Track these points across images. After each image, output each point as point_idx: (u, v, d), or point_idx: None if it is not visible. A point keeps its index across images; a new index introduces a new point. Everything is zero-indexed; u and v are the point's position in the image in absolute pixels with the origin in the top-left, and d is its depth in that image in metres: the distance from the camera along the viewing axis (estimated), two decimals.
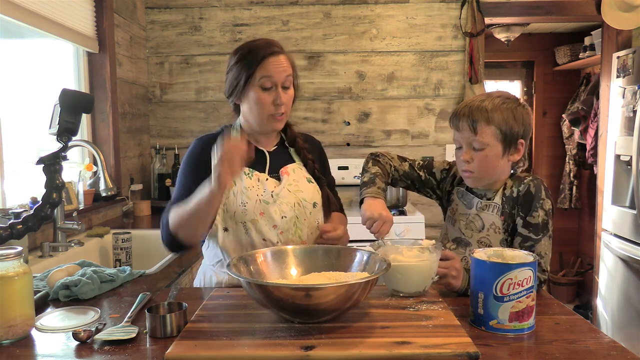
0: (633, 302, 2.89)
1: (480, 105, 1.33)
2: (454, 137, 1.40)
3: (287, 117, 1.52)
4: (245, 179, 1.47)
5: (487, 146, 1.33)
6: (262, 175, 1.49)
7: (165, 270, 1.74)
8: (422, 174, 1.54)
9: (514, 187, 1.38)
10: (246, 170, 1.48)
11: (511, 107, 1.33)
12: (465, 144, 1.36)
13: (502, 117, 1.32)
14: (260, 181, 1.48)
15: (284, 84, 1.44)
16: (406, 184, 1.56)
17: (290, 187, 1.49)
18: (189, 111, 3.30)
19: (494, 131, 1.32)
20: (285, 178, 1.50)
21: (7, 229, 1.20)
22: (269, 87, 1.42)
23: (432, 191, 1.56)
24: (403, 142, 3.32)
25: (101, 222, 2.58)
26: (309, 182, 1.54)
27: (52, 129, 1.31)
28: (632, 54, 2.93)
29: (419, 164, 1.56)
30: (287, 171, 1.52)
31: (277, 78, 1.42)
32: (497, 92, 1.38)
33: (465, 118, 1.33)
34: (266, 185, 1.47)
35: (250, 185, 1.46)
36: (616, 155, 3.09)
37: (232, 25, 3.25)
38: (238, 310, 1.17)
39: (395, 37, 3.26)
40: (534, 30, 4.64)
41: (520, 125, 1.34)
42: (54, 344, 1.05)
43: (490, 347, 1.00)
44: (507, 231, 1.38)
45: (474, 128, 1.32)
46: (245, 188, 1.45)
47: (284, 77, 1.43)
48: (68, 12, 2.36)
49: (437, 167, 1.55)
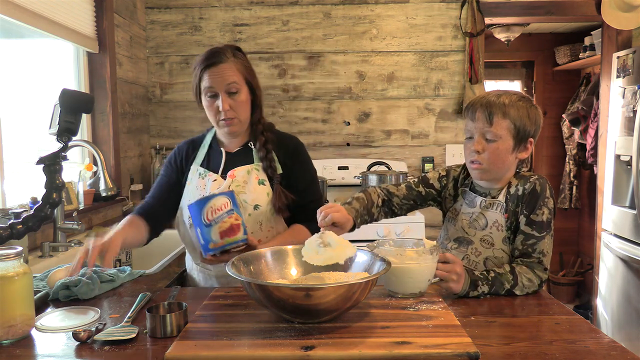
0: (633, 302, 2.89)
1: (497, 99, 1.36)
2: (467, 126, 1.41)
3: (242, 121, 1.54)
4: (199, 180, 1.55)
5: (499, 139, 1.35)
6: (213, 176, 1.55)
7: (165, 270, 1.74)
8: (421, 190, 1.55)
9: (519, 185, 1.39)
10: (201, 170, 1.57)
11: (526, 105, 1.37)
12: (478, 134, 1.37)
13: (518, 114, 1.35)
14: (207, 181, 1.55)
15: (228, 90, 1.48)
16: (409, 205, 1.56)
17: (236, 188, 1.51)
18: (189, 111, 3.30)
19: (508, 125, 1.35)
20: (229, 180, 1.53)
21: (7, 229, 1.20)
22: (213, 94, 1.50)
23: (434, 201, 1.57)
24: (403, 142, 3.32)
25: (101, 222, 2.57)
26: (260, 184, 1.54)
27: (52, 129, 1.31)
28: (632, 54, 2.93)
29: (415, 181, 1.56)
30: (234, 173, 1.54)
31: (217, 87, 1.48)
32: (513, 91, 1.41)
33: (483, 108, 1.36)
34: (209, 186, 1.53)
35: (199, 185, 1.55)
36: (616, 155, 3.09)
37: (232, 25, 3.25)
38: (238, 310, 1.17)
39: (395, 37, 3.26)
40: (534, 30, 4.64)
41: (533, 124, 1.37)
42: (54, 344, 1.05)
43: (490, 347, 1.00)
44: (510, 229, 1.39)
45: (490, 119, 1.34)
46: (195, 187, 1.55)
47: (225, 86, 1.48)
48: (68, 12, 2.36)
49: (433, 178, 1.55)
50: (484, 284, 1.28)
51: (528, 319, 1.17)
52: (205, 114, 1.56)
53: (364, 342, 0.98)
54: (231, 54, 1.51)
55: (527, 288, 1.32)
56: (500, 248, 1.39)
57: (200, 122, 3.27)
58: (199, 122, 3.27)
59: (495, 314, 1.19)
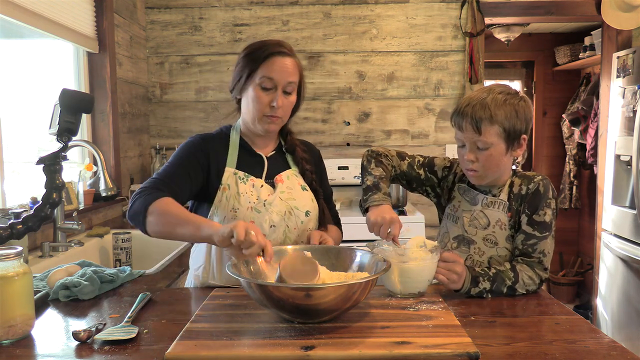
0: (633, 302, 2.89)
1: (482, 102, 1.31)
2: (456, 135, 1.38)
3: (284, 122, 1.49)
4: (240, 184, 1.43)
5: (491, 145, 1.32)
6: (258, 181, 1.46)
7: (165, 270, 1.74)
8: (421, 173, 1.51)
9: (522, 184, 1.38)
10: (241, 174, 1.45)
11: (513, 102, 1.32)
12: (469, 143, 1.35)
13: (505, 115, 1.31)
14: (254, 187, 1.44)
15: (285, 88, 1.41)
16: (402, 183, 1.54)
17: (282, 195, 1.46)
18: (189, 111, 3.30)
19: (497, 130, 1.31)
20: (280, 186, 1.47)
21: (7, 229, 1.20)
22: (269, 87, 1.40)
23: (432, 189, 1.53)
24: (403, 142, 3.32)
25: (101, 222, 2.57)
26: (303, 189, 1.51)
27: (52, 129, 1.31)
28: (632, 54, 2.93)
29: (419, 161, 1.52)
30: (282, 178, 1.49)
31: (278, 80, 1.39)
32: (499, 87, 1.36)
33: (469, 118, 1.32)
34: (260, 193, 1.44)
35: (244, 191, 1.43)
36: (616, 155, 3.09)
37: (232, 25, 3.25)
38: (238, 310, 1.17)
39: (395, 37, 3.26)
40: (534, 30, 4.64)
41: (523, 121, 1.34)
42: (54, 344, 1.05)
43: (490, 347, 1.00)
44: (514, 227, 1.38)
45: (477, 128, 1.31)
46: (238, 194, 1.42)
47: (286, 82, 1.40)
48: (68, 12, 2.36)
49: (438, 165, 1.52)
50: (485, 280, 1.28)
51: (528, 319, 1.17)
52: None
53: (364, 342, 0.98)
54: (293, 51, 1.44)
55: (528, 286, 1.32)
56: (504, 247, 1.39)
57: (200, 122, 3.27)
58: (199, 122, 3.27)
59: (495, 314, 1.19)
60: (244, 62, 1.42)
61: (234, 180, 1.43)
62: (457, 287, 1.27)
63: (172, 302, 1.31)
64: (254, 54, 1.41)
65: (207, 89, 3.27)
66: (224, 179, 1.44)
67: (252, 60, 1.41)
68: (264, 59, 1.39)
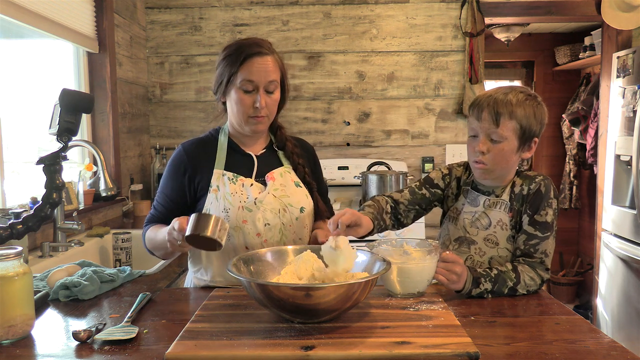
0: (633, 302, 2.89)
1: (504, 98, 1.33)
2: (471, 125, 1.39)
3: (270, 120, 1.50)
4: (230, 184, 1.44)
5: (505, 140, 1.33)
6: (247, 181, 1.46)
7: (165, 270, 1.74)
8: (424, 192, 1.52)
9: (524, 185, 1.38)
10: (230, 175, 1.45)
11: (533, 104, 1.35)
12: (483, 134, 1.35)
13: (525, 114, 1.33)
14: (244, 186, 1.44)
15: (266, 87, 1.41)
16: (415, 211, 1.53)
17: (275, 192, 1.46)
18: (189, 111, 3.29)
19: (514, 126, 1.33)
20: (271, 183, 1.47)
21: (7, 229, 1.20)
22: (251, 90, 1.40)
23: (440, 202, 1.54)
24: (403, 142, 3.32)
25: (101, 222, 2.58)
26: (297, 186, 1.51)
27: (52, 129, 1.31)
28: (632, 54, 2.93)
29: (417, 185, 1.53)
30: (273, 176, 1.48)
31: (259, 81, 1.39)
32: (520, 87, 1.38)
33: (489, 109, 1.33)
34: (250, 192, 1.44)
35: (234, 190, 1.43)
36: (616, 155, 3.09)
37: (232, 25, 3.25)
38: (238, 310, 1.17)
39: (395, 37, 3.26)
40: (534, 30, 4.64)
41: (539, 124, 1.35)
42: (54, 344, 1.05)
43: (490, 347, 1.00)
44: (515, 227, 1.38)
45: (496, 120, 1.32)
46: (228, 194, 1.42)
47: (266, 81, 1.40)
48: (68, 12, 2.36)
49: (436, 177, 1.53)
50: (487, 280, 1.28)
51: (528, 319, 1.17)
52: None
53: (364, 342, 0.98)
54: (272, 48, 1.44)
55: (529, 286, 1.31)
56: (504, 247, 1.39)
57: (200, 122, 3.27)
58: (199, 122, 3.27)
59: (496, 314, 1.19)
60: (224, 65, 1.42)
61: (223, 181, 1.45)
62: (457, 287, 1.27)
63: (172, 302, 1.31)
64: (232, 57, 1.41)
65: (207, 89, 3.27)
66: (212, 181, 1.45)
67: (231, 63, 1.40)
68: (242, 61, 1.39)
